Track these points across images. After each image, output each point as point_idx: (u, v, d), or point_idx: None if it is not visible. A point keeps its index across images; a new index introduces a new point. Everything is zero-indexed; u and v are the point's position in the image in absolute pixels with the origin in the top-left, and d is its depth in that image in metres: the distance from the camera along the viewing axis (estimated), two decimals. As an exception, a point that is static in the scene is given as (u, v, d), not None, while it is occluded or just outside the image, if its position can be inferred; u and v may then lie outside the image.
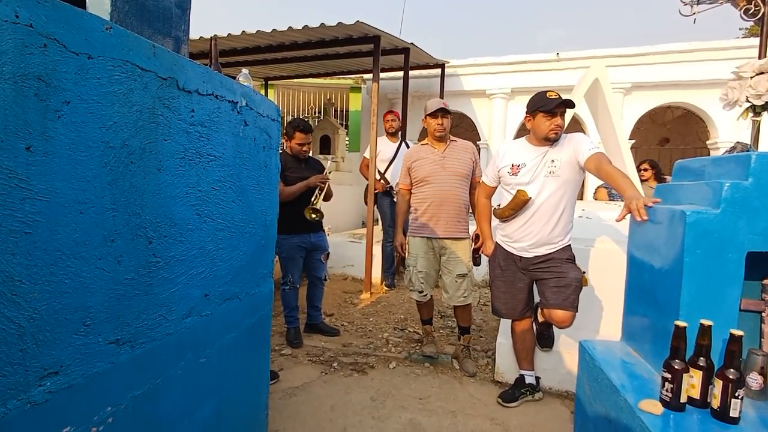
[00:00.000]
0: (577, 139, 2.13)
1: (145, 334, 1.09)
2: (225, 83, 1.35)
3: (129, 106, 0.98)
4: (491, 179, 2.40)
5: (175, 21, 1.49)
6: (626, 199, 1.65)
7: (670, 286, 1.38)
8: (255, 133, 1.55)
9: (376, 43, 4.24)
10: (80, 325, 0.90)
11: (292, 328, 3.10)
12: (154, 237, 1.09)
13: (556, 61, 6.22)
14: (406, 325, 3.56)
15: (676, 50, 5.65)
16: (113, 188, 0.95)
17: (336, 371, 2.74)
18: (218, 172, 1.34)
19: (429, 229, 2.67)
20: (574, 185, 2.19)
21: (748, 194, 1.25)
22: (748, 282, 1.37)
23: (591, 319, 2.70)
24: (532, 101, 2.14)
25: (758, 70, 1.38)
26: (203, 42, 4.36)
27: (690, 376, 1.19)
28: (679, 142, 7.94)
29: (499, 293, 2.38)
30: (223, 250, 1.40)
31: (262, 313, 1.72)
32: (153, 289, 1.10)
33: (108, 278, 0.96)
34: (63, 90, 0.82)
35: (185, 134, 1.18)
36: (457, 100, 6.80)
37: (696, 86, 5.76)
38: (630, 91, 6.09)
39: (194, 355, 1.30)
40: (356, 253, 4.90)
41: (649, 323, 1.54)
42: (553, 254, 2.21)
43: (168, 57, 1.09)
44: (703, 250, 1.28)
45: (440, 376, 2.72)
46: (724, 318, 1.28)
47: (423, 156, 2.70)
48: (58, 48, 0.80)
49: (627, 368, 1.51)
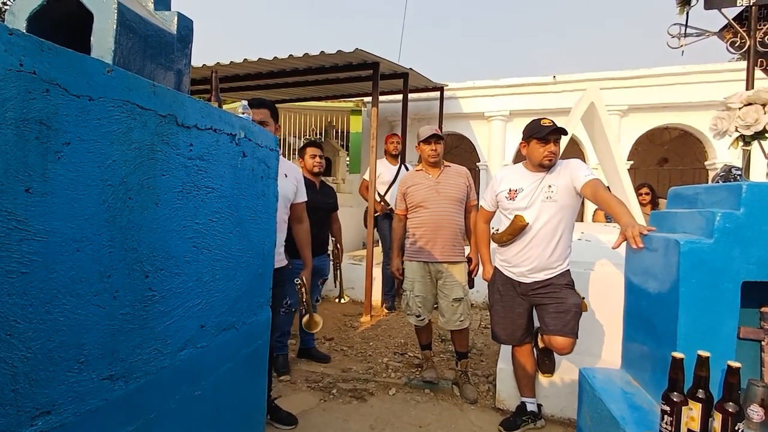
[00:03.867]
0: (573, 165, 2.16)
1: (140, 368, 1.08)
2: (223, 117, 1.38)
3: (128, 144, 1.00)
4: (489, 204, 2.42)
5: (177, 56, 1.53)
6: (622, 226, 1.66)
7: (667, 315, 1.37)
8: (253, 164, 1.58)
9: (375, 68, 4.33)
10: (74, 363, 0.90)
11: (281, 355, 3.05)
12: (151, 271, 1.10)
13: (553, 84, 6.32)
14: (407, 349, 3.53)
15: (670, 73, 5.74)
16: (111, 225, 0.96)
17: (335, 398, 2.70)
18: (216, 204, 1.36)
19: (425, 254, 2.68)
20: (572, 210, 2.20)
21: (741, 224, 1.26)
22: (746, 309, 1.36)
23: (592, 344, 2.67)
24: (527, 128, 2.18)
25: (746, 101, 1.41)
26: (206, 69, 4.46)
27: (689, 408, 1.18)
28: (678, 163, 7.98)
29: (499, 318, 2.37)
30: (219, 281, 1.41)
31: (260, 342, 1.71)
32: (148, 323, 1.10)
33: (103, 314, 0.96)
34: (64, 132, 0.84)
35: (183, 168, 1.20)
36: (456, 123, 6.88)
37: (691, 108, 5.83)
38: (627, 113, 6.16)
39: (189, 387, 1.29)
40: (356, 275, 4.88)
41: (648, 352, 1.53)
42: (552, 279, 2.21)
43: (167, 95, 1.12)
44: (698, 280, 1.28)
45: (440, 402, 2.68)
46: (723, 348, 1.28)
47: (418, 181, 2.73)
48: (60, 92, 0.83)
49: (627, 398, 1.49)
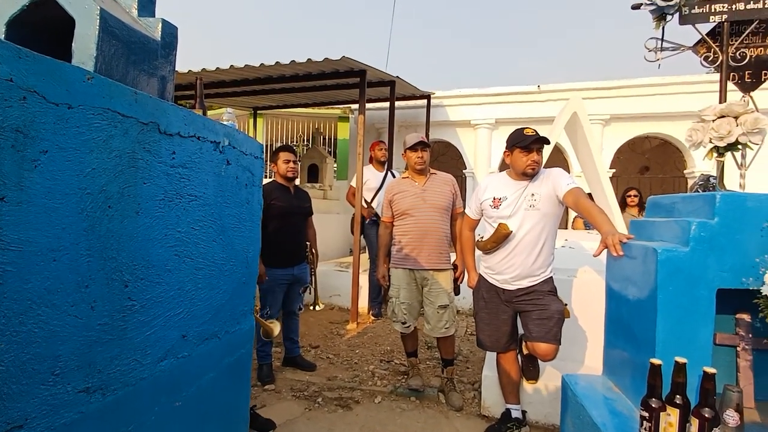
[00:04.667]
0: (555, 174, 2.19)
1: (118, 380, 1.06)
2: (207, 124, 1.38)
3: (108, 152, 0.99)
4: (474, 212, 2.44)
5: (161, 62, 1.52)
6: (603, 234, 1.69)
7: (645, 321, 1.40)
8: (237, 172, 1.57)
9: (362, 76, 4.35)
10: (49, 375, 0.88)
11: (265, 364, 3.01)
12: (130, 280, 1.08)
13: (538, 93, 6.43)
14: (393, 356, 3.52)
15: (650, 84, 5.89)
16: (89, 234, 0.95)
17: (320, 407, 2.67)
18: (199, 212, 1.35)
19: (411, 261, 2.69)
20: (554, 218, 2.24)
21: (715, 233, 1.30)
22: (722, 316, 1.40)
23: (576, 350, 2.70)
24: (510, 137, 2.21)
25: (719, 113, 1.46)
26: (191, 75, 4.43)
27: (667, 414, 1.20)
28: (658, 171, 8.17)
29: (483, 325, 2.39)
30: (202, 290, 1.39)
31: (242, 351, 1.69)
32: (127, 333, 1.09)
33: (80, 325, 0.94)
34: (41, 140, 0.83)
35: (165, 176, 1.19)
36: (442, 130, 6.95)
37: (671, 118, 5.98)
38: (609, 122, 6.29)
39: (169, 398, 1.26)
40: (343, 282, 4.86)
41: (628, 358, 1.55)
42: (535, 286, 2.23)
43: (150, 102, 1.12)
44: (675, 287, 1.31)
45: (426, 410, 2.67)
46: (699, 354, 1.30)
47: (404, 189, 2.75)
48: (38, 100, 0.82)
49: (608, 404, 1.51)
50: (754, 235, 1.29)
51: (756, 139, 1.50)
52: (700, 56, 1.81)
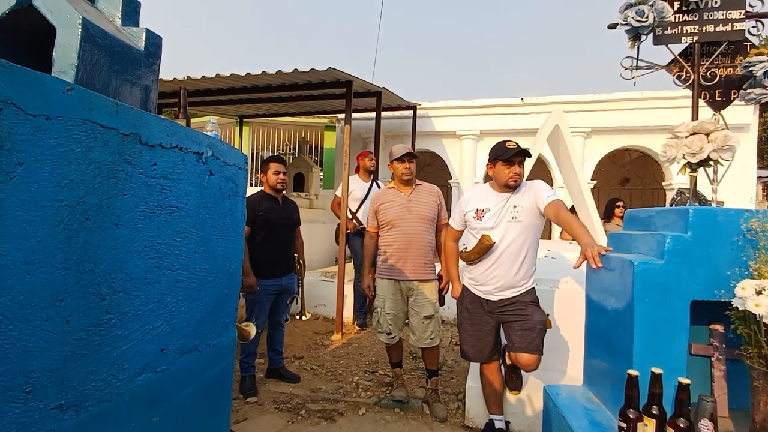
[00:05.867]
0: (537, 186, 2.23)
1: (93, 396, 1.04)
2: (190, 135, 1.37)
3: (87, 163, 0.97)
4: (458, 223, 2.46)
5: (144, 72, 1.51)
6: (582, 246, 1.73)
7: (623, 332, 1.43)
8: (221, 182, 1.56)
9: (348, 87, 4.38)
10: (20, 392, 0.85)
11: (248, 376, 2.96)
12: (108, 293, 1.06)
13: (522, 106, 6.55)
14: (377, 367, 3.50)
15: (630, 98, 6.06)
16: (65, 247, 0.93)
17: (303, 419, 2.64)
18: (180, 223, 1.33)
19: (396, 271, 2.69)
20: (536, 230, 2.27)
21: (689, 246, 1.34)
22: (697, 327, 1.44)
23: (558, 360, 2.73)
24: (493, 150, 2.25)
25: (692, 130, 1.52)
26: (176, 83, 4.40)
27: (644, 424, 1.22)
28: (638, 183, 8.37)
29: (467, 336, 2.40)
30: (182, 302, 1.37)
31: (224, 364, 1.67)
32: (104, 347, 1.06)
33: (54, 340, 0.92)
34: (17, 152, 0.82)
35: (146, 187, 1.17)
36: (428, 141, 7.02)
37: (649, 131, 6.15)
38: (590, 134, 6.44)
39: (147, 414, 1.24)
40: (328, 292, 4.84)
41: (607, 369, 1.58)
42: (518, 297, 2.26)
43: (131, 113, 1.11)
44: (651, 299, 1.35)
45: (410, 422, 2.66)
46: (675, 364, 1.33)
47: (389, 199, 2.76)
48: (15, 111, 0.81)
49: (588, 415, 1.53)
50: (725, 249, 1.33)
51: (726, 156, 1.56)
52: (673, 75, 1.88)
